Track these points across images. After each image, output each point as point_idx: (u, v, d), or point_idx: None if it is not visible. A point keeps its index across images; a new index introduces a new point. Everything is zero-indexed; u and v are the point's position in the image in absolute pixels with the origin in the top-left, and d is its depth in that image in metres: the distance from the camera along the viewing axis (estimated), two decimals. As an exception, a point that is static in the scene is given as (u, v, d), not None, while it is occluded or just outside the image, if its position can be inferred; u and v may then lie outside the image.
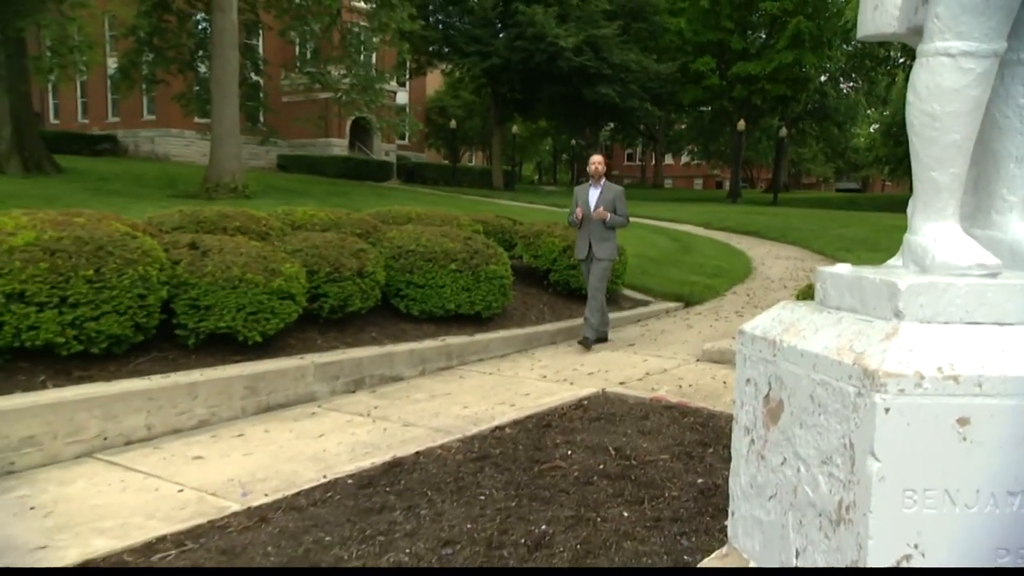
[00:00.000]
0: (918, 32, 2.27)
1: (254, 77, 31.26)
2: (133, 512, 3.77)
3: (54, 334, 4.88)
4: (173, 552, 3.31)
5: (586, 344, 7.72)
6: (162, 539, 3.43)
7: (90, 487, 4.13)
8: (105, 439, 4.74)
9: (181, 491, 4.06)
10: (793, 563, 2.21)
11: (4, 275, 4.77)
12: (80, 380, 4.93)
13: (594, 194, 7.82)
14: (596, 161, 7.91)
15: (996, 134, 2.33)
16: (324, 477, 4.20)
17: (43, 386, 4.78)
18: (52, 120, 42.93)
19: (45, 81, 27.35)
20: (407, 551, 3.27)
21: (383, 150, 43.36)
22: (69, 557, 3.27)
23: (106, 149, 36.64)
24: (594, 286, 7.78)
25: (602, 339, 8.06)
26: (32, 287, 4.81)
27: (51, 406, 4.54)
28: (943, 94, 2.15)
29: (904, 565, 1.90)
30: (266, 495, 3.96)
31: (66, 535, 3.50)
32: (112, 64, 30.13)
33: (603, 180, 7.87)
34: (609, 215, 7.62)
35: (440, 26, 40.69)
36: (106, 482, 4.20)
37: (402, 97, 45.85)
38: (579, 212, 7.70)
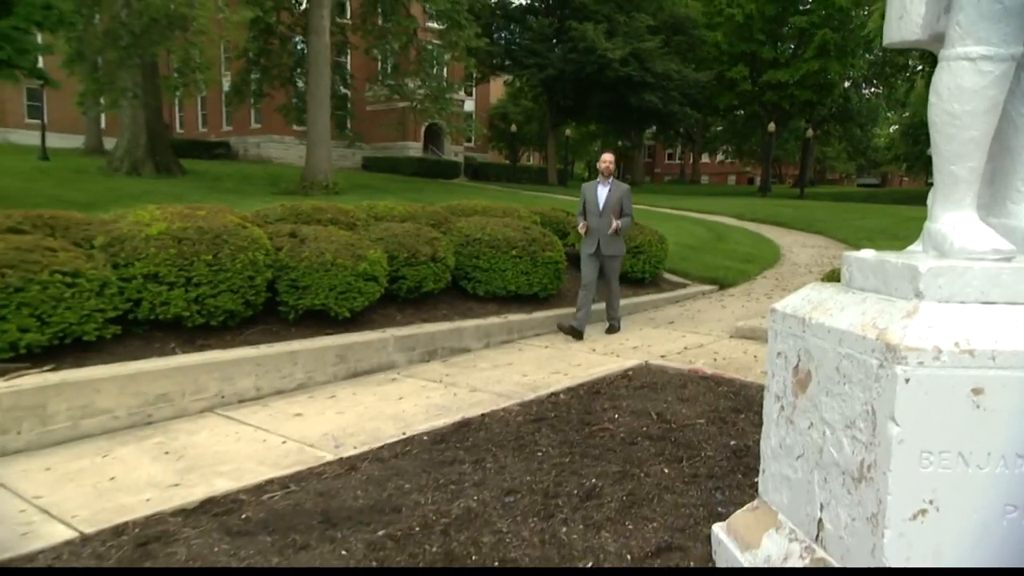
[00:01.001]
0: (939, 39, 2.21)
1: (343, 90, 31.74)
2: (246, 459, 3.89)
3: (181, 309, 5.06)
4: (279, 493, 3.41)
5: (613, 329, 7.40)
6: (270, 482, 3.53)
7: (211, 437, 4.28)
8: (222, 397, 4.89)
9: (284, 442, 4.17)
10: (817, 516, 2.18)
11: (142, 259, 4.97)
12: (202, 348, 5.09)
13: (602, 192, 7.09)
14: (607, 160, 7.26)
15: (1012, 131, 2.25)
16: (403, 433, 4.25)
17: (173, 352, 4.95)
18: (178, 130, 44.24)
19: (173, 97, 28.30)
20: (475, 498, 3.30)
21: (452, 151, 43.54)
22: (197, 493, 3.40)
23: (221, 153, 37.64)
24: (613, 281, 7.27)
25: (578, 334, 7.08)
26: (164, 269, 4.99)
27: (180, 369, 4.71)
28: (963, 95, 2.09)
29: (920, 519, 1.86)
30: (355, 447, 4.04)
31: (194, 475, 3.65)
32: (226, 81, 30.98)
33: (611, 178, 7.16)
34: (620, 222, 6.96)
35: (502, 42, 40.61)
36: (224, 433, 4.35)
37: (469, 105, 45.88)
38: (582, 228, 7.05)
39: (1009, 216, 2.29)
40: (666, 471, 3.61)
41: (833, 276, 5.91)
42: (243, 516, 3.16)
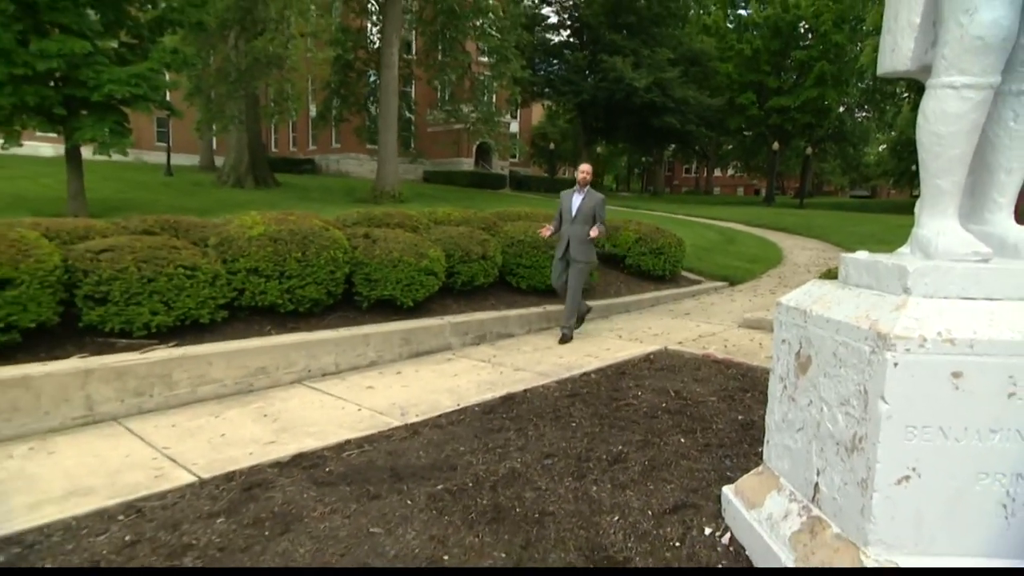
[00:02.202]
0: (927, 69, 2.18)
1: (408, 114, 32.02)
2: (328, 422, 3.97)
3: (276, 297, 5.18)
4: (355, 451, 3.47)
5: (565, 339, 6.36)
6: (348, 442, 3.60)
7: (300, 404, 4.38)
8: (308, 371, 4.99)
9: (359, 410, 4.24)
10: (814, 480, 2.16)
11: (245, 256, 5.10)
12: (292, 330, 5.20)
13: (577, 200, 6.36)
14: (584, 171, 6.45)
15: (990, 149, 2.20)
16: (458, 404, 4.28)
17: (269, 333, 5.07)
18: (272, 149, 44.96)
19: (270, 122, 28.95)
20: (519, 460, 3.32)
21: (499, 166, 43.38)
22: (289, 449, 3.50)
23: (307, 169, 38.22)
24: (573, 287, 6.35)
25: (580, 322, 6.63)
26: (263, 264, 5.11)
27: (274, 347, 4.82)
28: (947, 118, 2.06)
29: (904, 484, 1.84)
30: (417, 415, 4.08)
31: (287, 435, 3.75)
32: (312, 108, 31.60)
33: (587, 188, 6.40)
34: (597, 229, 6.16)
35: (543, 73, 40.43)
36: (310, 401, 4.44)
37: (514, 126, 45.64)
38: (544, 232, 6.47)
39: (987, 223, 2.24)
40: (682, 440, 3.58)
41: (830, 275, 5.75)
42: (327, 469, 3.24)
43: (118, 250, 4.54)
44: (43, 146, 30.76)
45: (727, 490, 2.71)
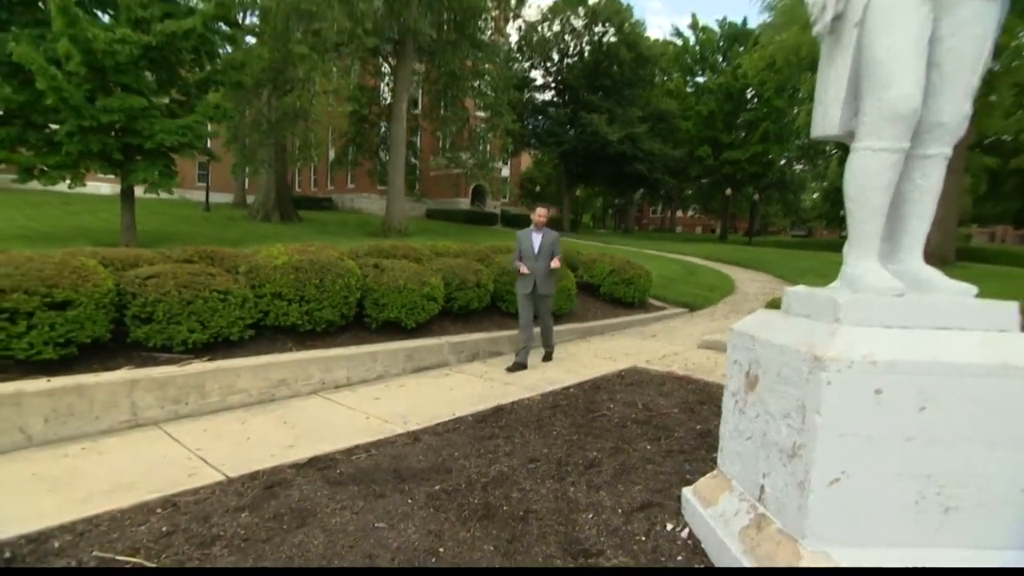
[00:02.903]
0: (851, 134, 2.29)
1: (413, 160, 32.31)
2: (340, 429, 3.94)
3: (296, 318, 5.16)
4: (363, 455, 3.44)
5: (548, 357, 6.31)
6: (357, 447, 3.57)
7: (316, 412, 4.34)
8: (323, 384, 4.96)
9: (367, 418, 4.21)
10: (761, 482, 2.17)
11: (271, 282, 5.09)
12: (310, 347, 5.18)
13: (536, 238, 6.11)
14: (540, 213, 6.14)
15: (903, 202, 2.30)
16: (453, 414, 4.26)
17: (290, 350, 5.05)
18: (296, 188, 44.99)
19: (294, 165, 29.12)
20: (506, 464, 3.31)
21: (492, 205, 43.56)
22: (306, 453, 3.46)
23: (326, 206, 38.21)
24: (546, 317, 6.26)
25: (523, 367, 5.95)
26: (285, 289, 5.10)
27: (295, 362, 4.79)
28: (869, 175, 2.16)
29: (835, 485, 1.86)
30: (418, 424, 4.05)
31: (304, 440, 3.72)
32: (331, 153, 31.81)
33: (544, 228, 6.16)
34: (558, 261, 6.07)
35: (531, 126, 41.05)
36: (325, 410, 4.40)
37: (505, 171, 46.06)
38: (523, 269, 6.02)
39: (902, 263, 2.33)
40: (649, 447, 3.58)
41: (775, 304, 5.82)
42: (338, 471, 3.21)
43: (162, 276, 4.53)
44: (103, 186, 30.77)
45: (687, 491, 2.71)
